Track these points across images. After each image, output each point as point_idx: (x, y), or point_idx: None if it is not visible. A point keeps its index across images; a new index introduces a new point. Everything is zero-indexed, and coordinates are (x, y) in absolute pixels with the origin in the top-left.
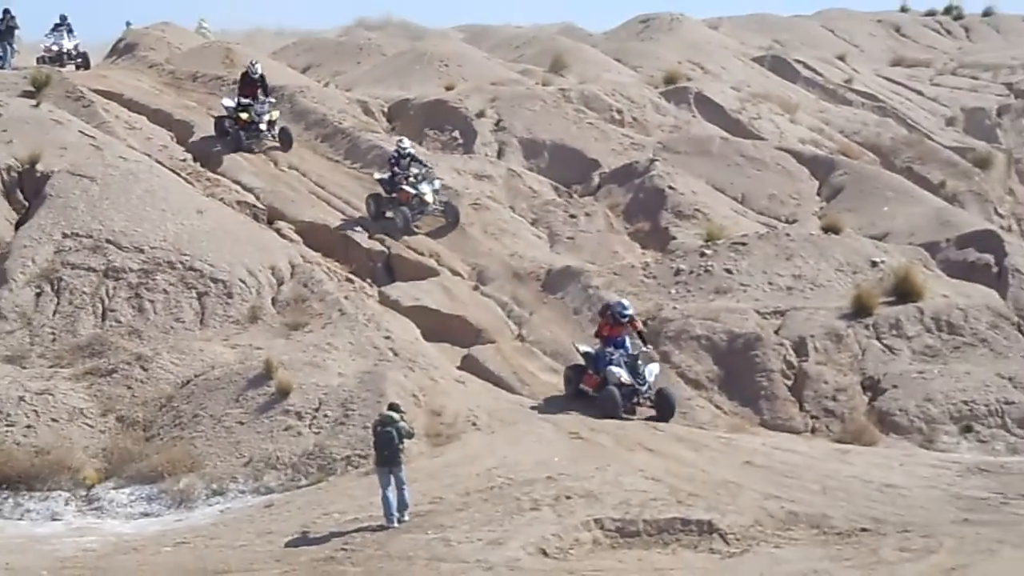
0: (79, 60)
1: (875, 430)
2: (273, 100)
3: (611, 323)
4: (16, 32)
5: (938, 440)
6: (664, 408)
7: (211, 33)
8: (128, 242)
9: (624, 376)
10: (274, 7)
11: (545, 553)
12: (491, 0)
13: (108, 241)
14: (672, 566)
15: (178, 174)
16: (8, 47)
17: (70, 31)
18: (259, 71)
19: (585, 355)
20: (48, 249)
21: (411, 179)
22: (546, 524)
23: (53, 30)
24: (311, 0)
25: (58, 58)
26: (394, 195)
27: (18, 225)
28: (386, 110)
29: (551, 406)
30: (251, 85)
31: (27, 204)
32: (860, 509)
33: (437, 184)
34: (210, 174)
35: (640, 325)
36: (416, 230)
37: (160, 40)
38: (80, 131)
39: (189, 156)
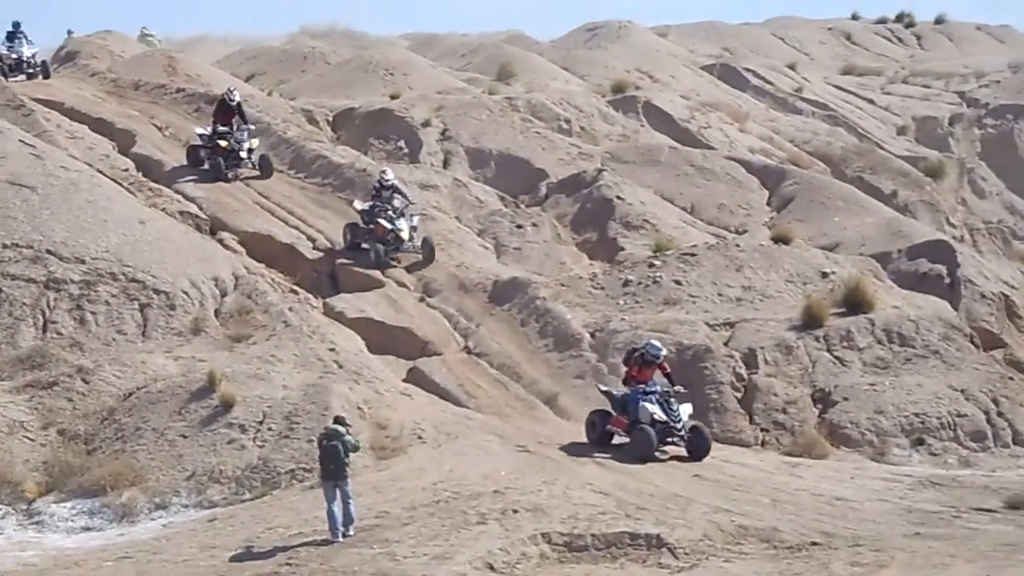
0: (38, 68)
1: (826, 443)
2: (252, 127)
3: (639, 365)
4: None
5: (889, 453)
6: (699, 447)
7: (157, 40)
8: (69, 253)
9: (658, 412)
10: (220, 14)
11: (492, 568)
12: (437, 8)
13: (49, 252)
14: None
15: (120, 184)
16: None
17: (27, 39)
18: (237, 98)
19: (609, 396)
20: None
21: (390, 212)
22: (493, 538)
23: (8, 38)
24: (256, 7)
25: (17, 67)
26: (371, 227)
27: None
28: (331, 119)
29: (574, 452)
30: (228, 112)
31: None
32: (810, 523)
33: (415, 220)
34: (152, 184)
35: (667, 367)
36: (393, 263)
37: (102, 48)
38: (20, 140)
39: (132, 165)
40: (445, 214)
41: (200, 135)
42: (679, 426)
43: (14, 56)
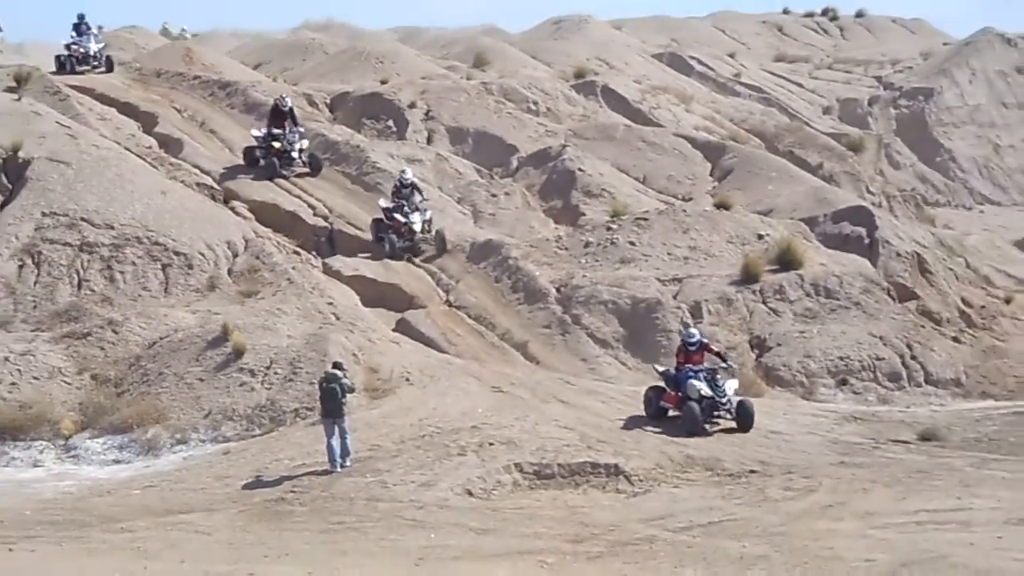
0: (103, 62)
1: (762, 383)
2: (302, 129)
3: (684, 352)
4: (0, 34)
5: (817, 392)
6: (744, 420)
7: (188, 34)
8: (100, 220)
9: (704, 389)
10: (230, 10)
11: (471, 493)
12: (421, 3)
13: (82, 219)
14: (583, 504)
15: (144, 159)
16: None
17: (93, 33)
18: (288, 104)
19: (664, 375)
20: (29, 227)
21: (406, 208)
22: (471, 468)
23: (75, 31)
24: (262, 3)
25: (83, 60)
26: (391, 221)
27: (2, 206)
28: (328, 102)
29: (633, 424)
30: (280, 116)
31: (10, 187)
32: (749, 453)
33: (428, 215)
34: (172, 159)
35: (715, 348)
36: (406, 254)
37: (128, 41)
38: (57, 122)
39: (154, 143)
40: (429, 184)
41: (255, 137)
42: (724, 400)
43: (81, 50)
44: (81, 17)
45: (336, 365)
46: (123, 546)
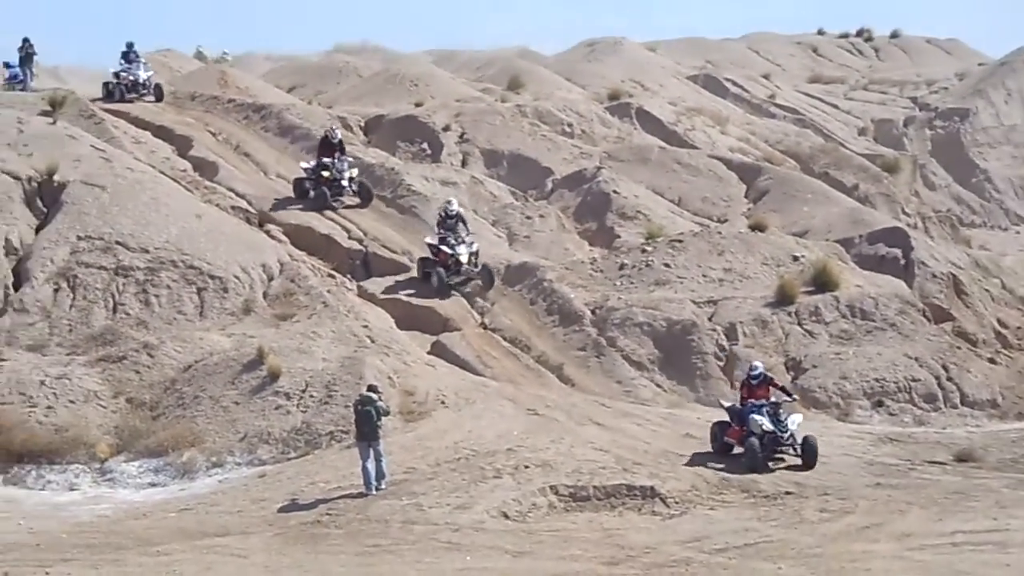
0: (152, 91)
1: (797, 405)
2: (351, 159)
3: (748, 387)
4: (35, 58)
5: (853, 413)
6: (808, 456)
7: (229, 56)
8: (135, 243)
9: (766, 424)
10: (263, 33)
11: (506, 516)
12: (456, 26)
13: (117, 243)
14: (619, 527)
15: (179, 183)
16: (28, 71)
17: (142, 61)
18: (338, 136)
19: (729, 409)
20: (65, 250)
21: (451, 240)
22: (507, 490)
23: (124, 59)
24: (296, 27)
25: (133, 88)
26: (436, 255)
27: (38, 229)
28: (363, 125)
29: (698, 460)
30: (330, 148)
31: (46, 211)
32: (784, 475)
33: (475, 247)
34: (207, 182)
35: (779, 381)
36: (455, 290)
37: (163, 65)
38: (92, 145)
39: (189, 167)
40: (464, 207)
41: (304, 169)
42: (786, 436)
43: (131, 78)
44: (130, 45)
45: (371, 388)
46: (159, 569)
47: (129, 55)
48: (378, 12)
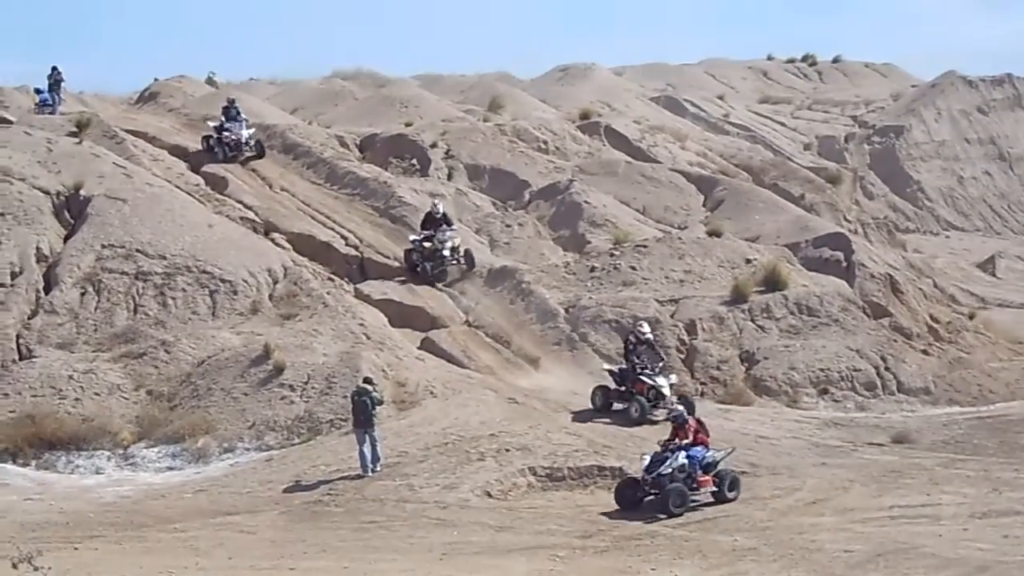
0: (254, 149)
1: (750, 393)
2: (455, 229)
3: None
4: (62, 84)
5: (800, 400)
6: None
7: (220, 81)
8: (153, 251)
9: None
10: (268, 60)
11: (489, 495)
12: (440, 52)
13: (137, 250)
14: (591, 503)
15: (192, 196)
16: (57, 97)
17: (244, 120)
18: (441, 210)
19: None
20: (90, 258)
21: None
22: (490, 472)
23: (225, 115)
24: (296, 53)
25: (235, 147)
26: (625, 387)
27: (66, 239)
28: (358, 143)
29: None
30: (434, 221)
31: (73, 222)
32: (740, 456)
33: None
34: (218, 196)
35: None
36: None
37: (178, 89)
38: (114, 163)
39: (201, 181)
40: (451, 214)
41: (412, 241)
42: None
43: (234, 137)
44: (231, 102)
45: (367, 380)
46: (176, 545)
47: (230, 111)
48: (371, 40)
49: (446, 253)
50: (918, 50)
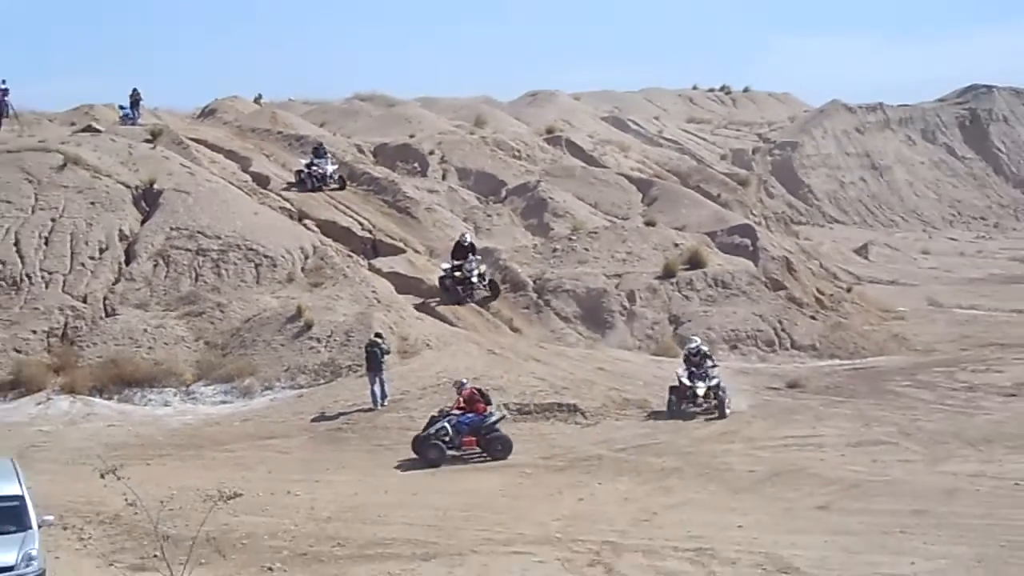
0: (337, 182)
1: (677, 347)
2: (479, 258)
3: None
4: (140, 102)
5: (717, 354)
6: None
7: (264, 101)
8: (211, 232)
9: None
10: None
11: None
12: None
13: (198, 232)
14: (551, 432)
15: (242, 190)
16: (136, 112)
17: (330, 158)
18: (468, 240)
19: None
20: (161, 238)
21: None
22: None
23: (315, 154)
24: (326, 80)
25: (322, 179)
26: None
27: (142, 223)
28: (372, 150)
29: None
30: (462, 250)
31: (147, 209)
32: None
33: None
34: (262, 190)
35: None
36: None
37: (231, 107)
38: (180, 163)
39: (249, 179)
40: (443, 208)
41: (444, 269)
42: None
43: (320, 171)
44: (320, 144)
45: (377, 335)
46: (227, 462)
47: (319, 151)
48: (385, 69)
49: (474, 280)
50: (808, 81)
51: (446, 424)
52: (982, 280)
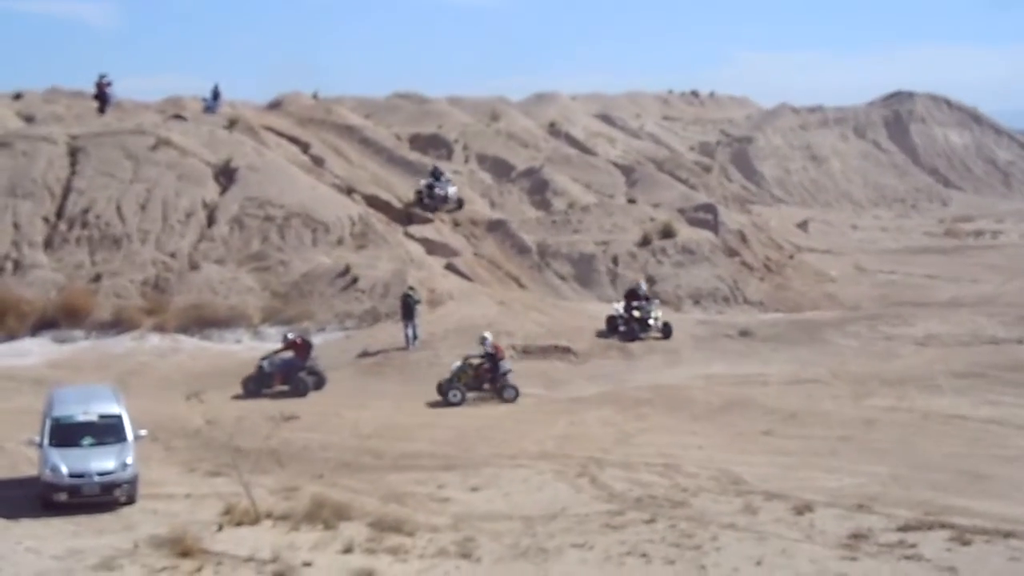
0: (455, 203)
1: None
2: (656, 302)
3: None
4: (220, 95)
5: (683, 308)
6: (666, 332)
7: (320, 96)
8: (276, 203)
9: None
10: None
11: None
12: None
13: (267, 202)
14: (549, 369)
15: (301, 169)
16: (216, 103)
17: (449, 182)
18: (643, 288)
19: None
20: (236, 206)
21: (439, 183)
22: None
23: (435, 176)
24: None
25: (443, 200)
26: (432, 195)
27: (221, 194)
28: (409, 139)
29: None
30: (636, 297)
31: (225, 183)
32: (647, 343)
33: (454, 188)
34: (318, 168)
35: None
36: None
37: (294, 100)
38: (252, 146)
39: (308, 160)
40: (466, 187)
41: (616, 308)
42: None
43: (441, 193)
44: (437, 168)
45: (411, 287)
46: (288, 392)
47: (438, 173)
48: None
49: (651, 322)
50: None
51: (267, 364)
52: (900, 250)
